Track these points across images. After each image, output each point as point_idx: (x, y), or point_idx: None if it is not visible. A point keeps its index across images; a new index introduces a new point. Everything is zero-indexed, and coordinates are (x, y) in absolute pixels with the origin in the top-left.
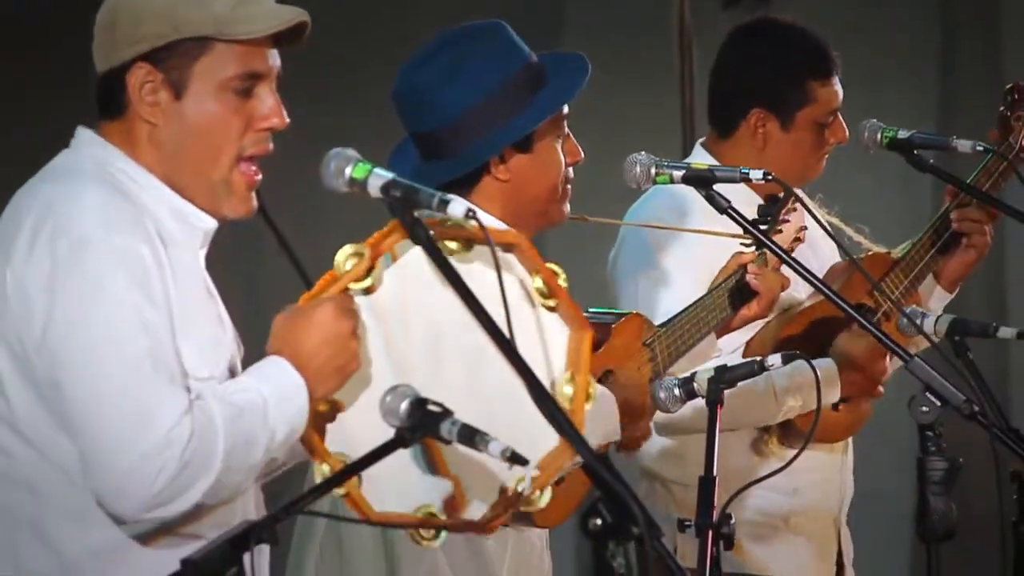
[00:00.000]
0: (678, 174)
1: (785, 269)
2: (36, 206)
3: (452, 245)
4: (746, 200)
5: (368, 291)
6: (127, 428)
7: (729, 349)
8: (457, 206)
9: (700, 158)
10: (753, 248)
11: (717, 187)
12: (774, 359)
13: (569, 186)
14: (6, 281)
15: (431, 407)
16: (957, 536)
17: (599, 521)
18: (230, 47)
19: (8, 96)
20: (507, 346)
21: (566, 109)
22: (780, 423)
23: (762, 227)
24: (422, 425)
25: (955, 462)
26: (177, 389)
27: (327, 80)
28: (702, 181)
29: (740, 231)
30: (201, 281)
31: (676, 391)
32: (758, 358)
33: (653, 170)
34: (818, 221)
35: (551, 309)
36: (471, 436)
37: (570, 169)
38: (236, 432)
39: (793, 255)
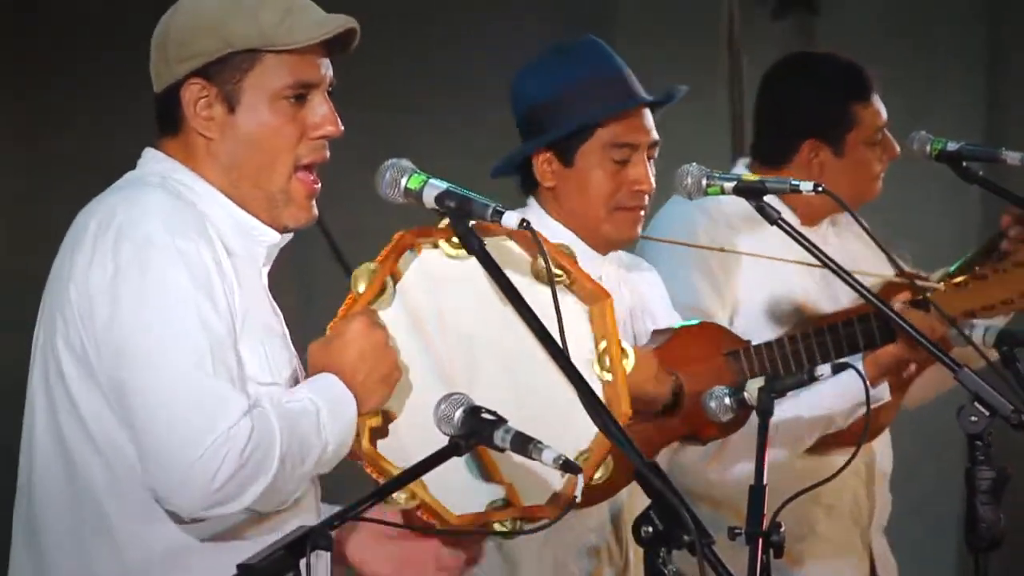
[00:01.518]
0: (729, 185)
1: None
2: (99, 214)
3: (447, 248)
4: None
5: (396, 281)
6: (188, 424)
7: None
8: (511, 218)
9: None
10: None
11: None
12: (823, 369)
13: (640, 212)
14: (70, 291)
15: (485, 415)
16: (1004, 545)
17: (650, 528)
18: (280, 57)
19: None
20: (557, 350)
21: (649, 136)
22: None
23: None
24: (476, 433)
25: (1003, 472)
26: (237, 390)
27: (377, 86)
28: (753, 192)
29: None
30: (264, 296)
31: (727, 400)
32: (808, 368)
33: (704, 181)
34: (872, 236)
35: (565, 286)
36: (524, 444)
37: (637, 196)
38: (292, 438)
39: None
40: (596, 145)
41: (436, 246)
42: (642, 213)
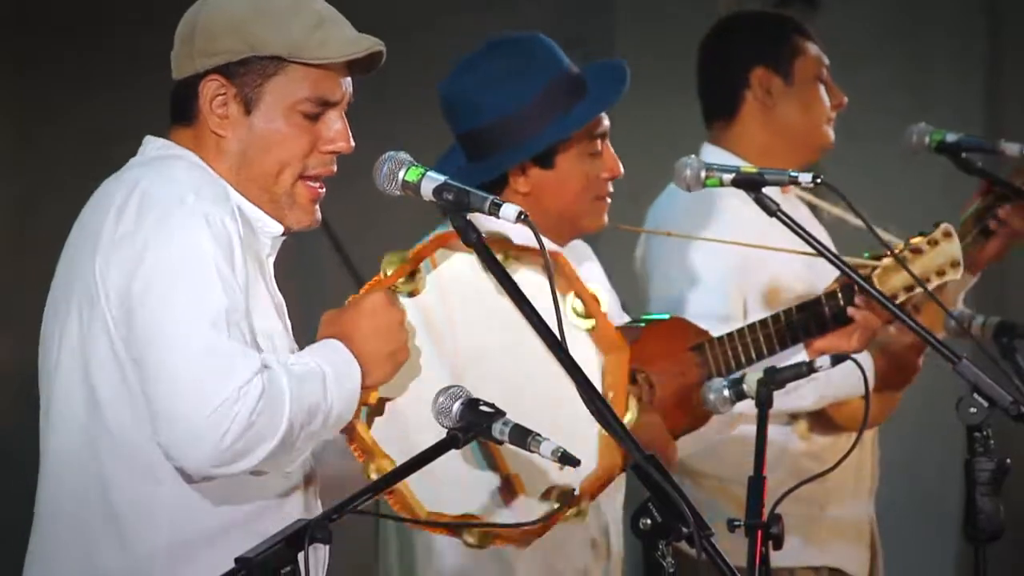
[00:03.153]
0: (727, 177)
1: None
2: (121, 188)
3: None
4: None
5: (412, 294)
6: (201, 380)
7: None
8: (509, 210)
9: (712, 156)
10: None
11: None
12: (823, 360)
13: (608, 199)
14: (95, 263)
15: (484, 408)
16: (1004, 537)
17: (649, 521)
18: (303, 70)
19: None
20: (559, 349)
21: (606, 123)
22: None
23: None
24: (474, 426)
25: (1003, 463)
26: (250, 349)
27: (379, 80)
28: (751, 184)
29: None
30: (270, 285)
31: (726, 392)
32: (807, 359)
33: (703, 173)
34: (861, 217)
35: (587, 330)
36: (523, 437)
37: (608, 183)
38: (299, 400)
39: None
40: (575, 143)
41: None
42: (609, 199)
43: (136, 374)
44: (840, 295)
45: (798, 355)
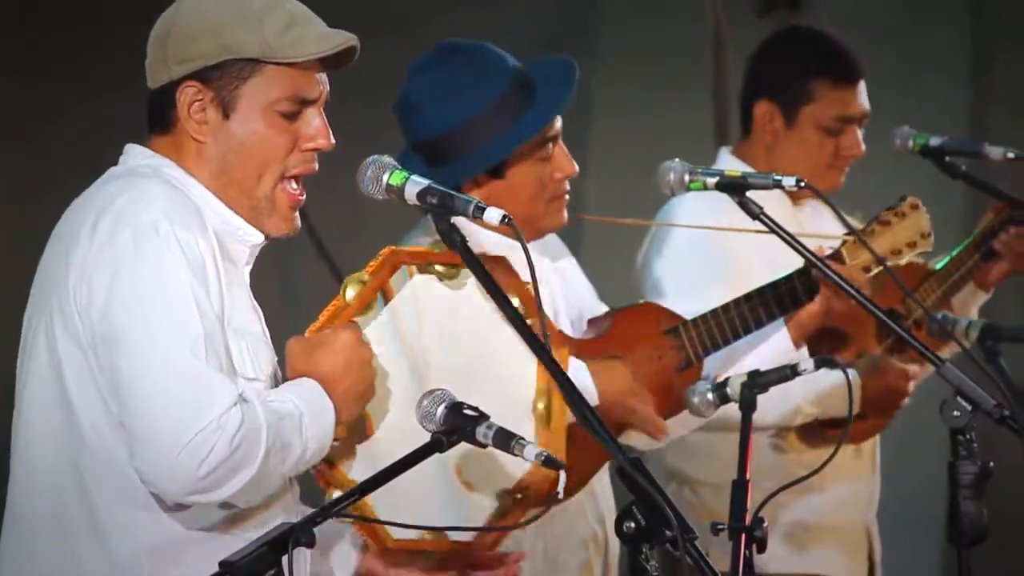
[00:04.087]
0: (711, 181)
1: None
2: (97, 202)
3: (440, 269)
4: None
5: (387, 299)
6: (180, 409)
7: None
8: (493, 213)
9: (724, 161)
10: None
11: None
12: (807, 363)
13: (565, 197)
14: (69, 279)
15: (467, 411)
16: (988, 540)
17: (633, 524)
18: (279, 69)
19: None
20: (542, 351)
21: (558, 125)
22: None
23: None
24: (458, 429)
25: (986, 466)
26: (228, 379)
27: (364, 83)
28: (735, 188)
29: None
30: (246, 295)
31: (709, 395)
32: (791, 362)
33: (687, 177)
34: (849, 226)
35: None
36: (507, 440)
37: (564, 182)
38: (276, 435)
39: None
40: (524, 152)
41: (428, 270)
42: (567, 197)
43: (113, 400)
44: (810, 271)
45: (771, 336)
